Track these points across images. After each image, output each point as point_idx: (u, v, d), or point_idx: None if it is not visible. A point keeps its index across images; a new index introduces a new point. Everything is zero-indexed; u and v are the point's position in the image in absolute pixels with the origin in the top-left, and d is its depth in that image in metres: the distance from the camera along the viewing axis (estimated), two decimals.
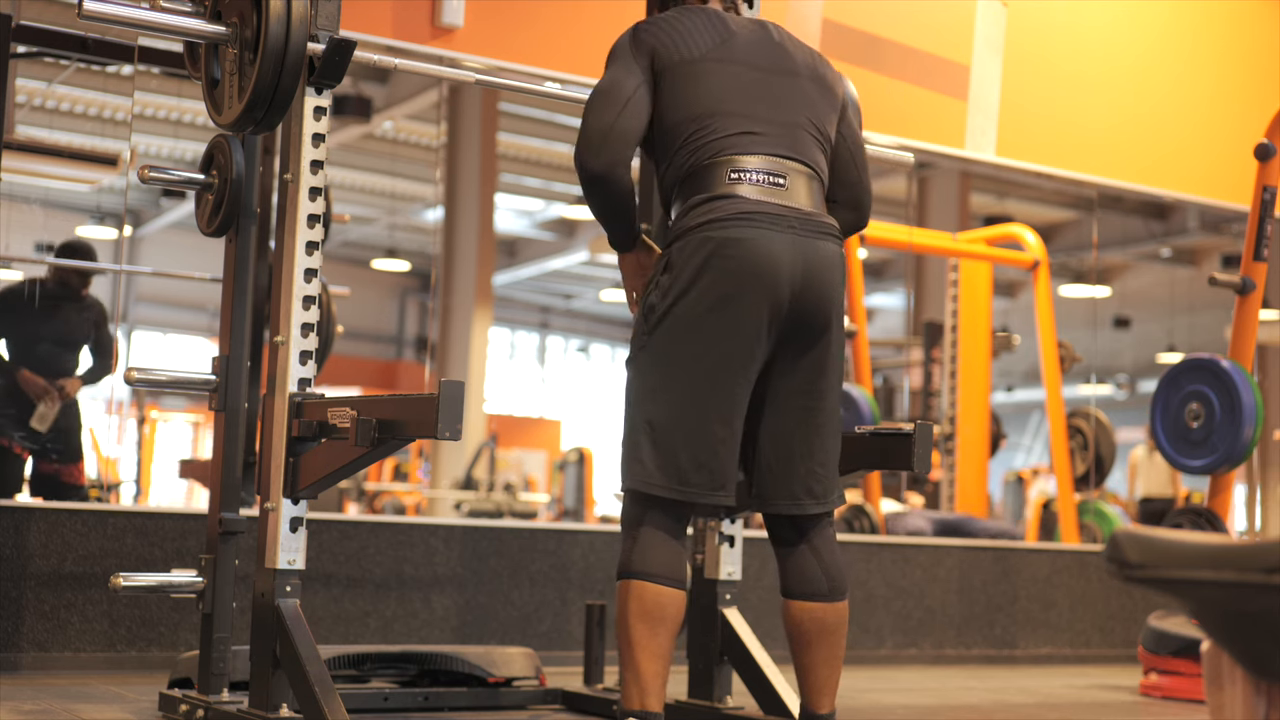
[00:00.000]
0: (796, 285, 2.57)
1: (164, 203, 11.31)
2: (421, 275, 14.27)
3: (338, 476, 2.81)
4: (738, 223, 2.55)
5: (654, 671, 2.52)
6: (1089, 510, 7.19)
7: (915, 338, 8.18)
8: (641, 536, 2.57)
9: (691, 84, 2.66)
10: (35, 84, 6.44)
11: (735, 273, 2.53)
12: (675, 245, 2.60)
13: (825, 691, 2.68)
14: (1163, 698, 4.52)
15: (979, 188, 10.01)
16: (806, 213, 2.62)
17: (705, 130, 2.63)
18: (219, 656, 3.11)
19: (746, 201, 2.58)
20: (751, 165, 2.61)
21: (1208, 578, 1.42)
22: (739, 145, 2.62)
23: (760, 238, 2.55)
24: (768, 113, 2.67)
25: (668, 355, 2.58)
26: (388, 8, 4.48)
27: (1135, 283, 13.32)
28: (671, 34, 2.69)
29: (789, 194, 2.62)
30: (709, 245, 2.55)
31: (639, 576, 2.54)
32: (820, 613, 2.67)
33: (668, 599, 2.53)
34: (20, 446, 5.12)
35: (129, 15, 2.79)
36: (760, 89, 2.69)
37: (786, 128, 2.67)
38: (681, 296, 2.56)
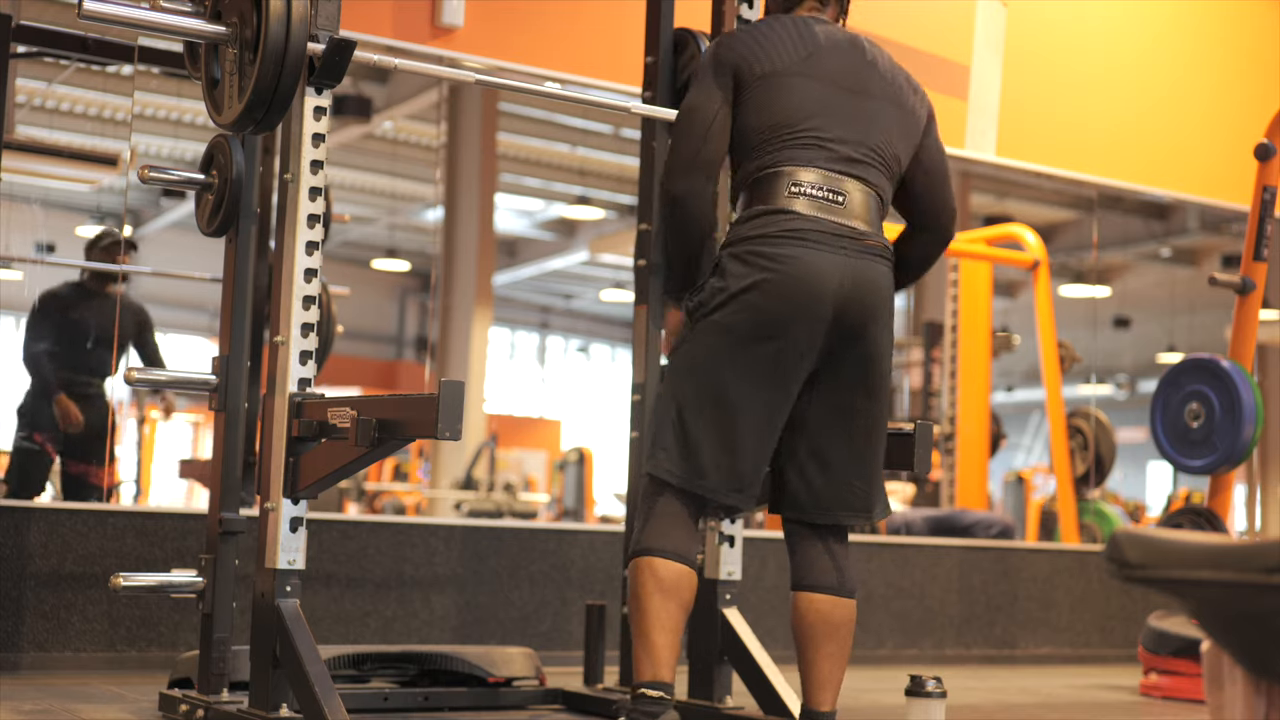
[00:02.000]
0: (842, 304, 2.63)
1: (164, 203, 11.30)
2: (421, 275, 14.27)
3: (338, 476, 2.82)
4: (790, 240, 2.62)
5: (665, 643, 2.58)
6: (1089, 510, 7.19)
7: (915, 338, 8.18)
8: (656, 517, 2.65)
9: (769, 96, 2.71)
10: (35, 84, 6.44)
11: (782, 290, 2.60)
12: (728, 252, 2.67)
13: (827, 688, 2.70)
14: (1163, 698, 4.52)
15: (979, 188, 10.00)
16: (860, 232, 2.67)
17: (775, 141, 2.69)
18: (219, 656, 3.11)
19: (802, 218, 2.63)
20: (810, 180, 2.66)
21: (1208, 578, 1.42)
22: (803, 159, 2.67)
23: (810, 257, 2.61)
24: (839, 131, 2.71)
25: (705, 355, 2.65)
26: (388, 8, 4.48)
27: (1135, 283, 13.31)
28: (754, 47, 2.74)
29: (845, 211, 2.67)
30: (759, 260, 2.62)
31: (654, 553, 2.61)
32: (828, 606, 2.70)
33: (681, 573, 2.60)
34: (50, 446, 5.15)
35: (129, 15, 2.79)
36: (836, 107, 2.73)
37: (854, 147, 2.72)
38: (727, 303, 2.63)
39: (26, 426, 5.21)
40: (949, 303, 7.30)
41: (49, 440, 5.17)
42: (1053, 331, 6.94)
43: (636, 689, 2.59)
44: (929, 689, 2.86)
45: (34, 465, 5.18)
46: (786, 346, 2.61)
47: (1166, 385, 4.62)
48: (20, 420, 5.24)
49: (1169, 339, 13.50)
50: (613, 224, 12.81)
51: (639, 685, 2.59)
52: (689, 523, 2.66)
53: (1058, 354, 6.97)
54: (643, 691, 2.58)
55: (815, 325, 2.62)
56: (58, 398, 5.19)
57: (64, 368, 5.26)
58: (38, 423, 5.19)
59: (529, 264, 14.90)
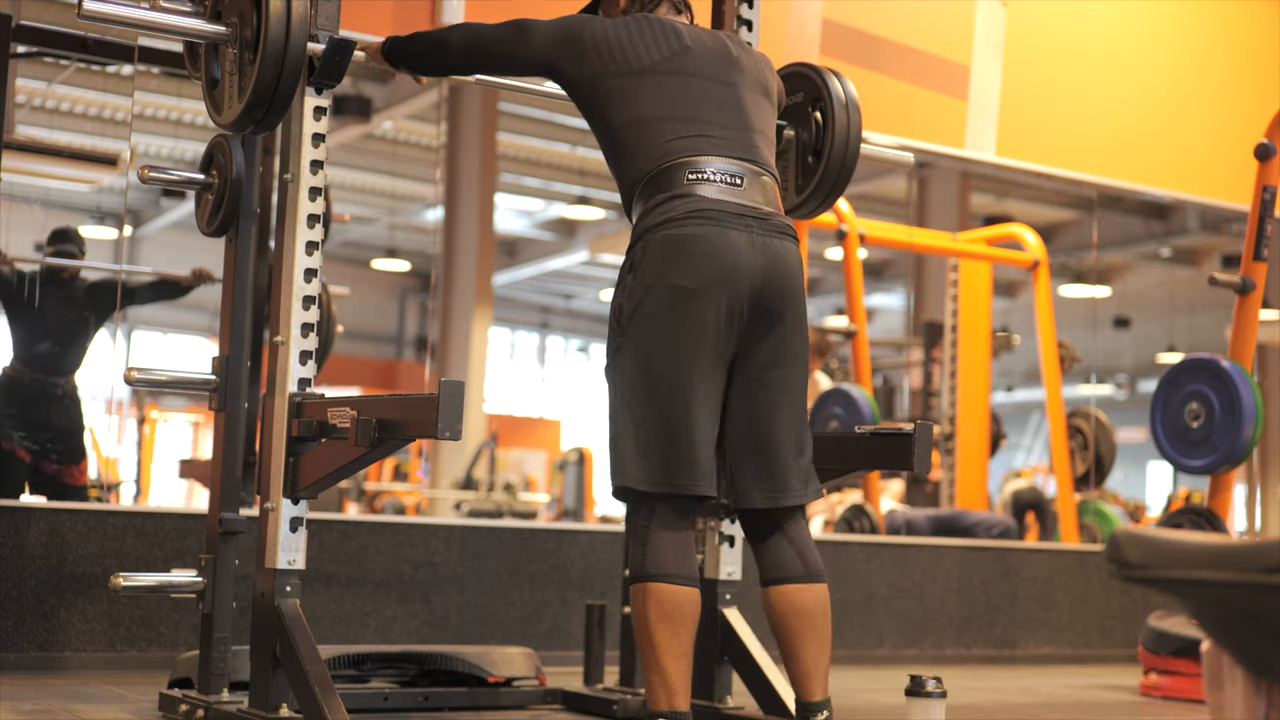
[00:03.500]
0: (758, 281, 2.64)
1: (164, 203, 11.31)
2: (421, 275, 14.27)
3: (338, 476, 2.82)
4: (697, 220, 2.62)
5: (679, 672, 2.56)
6: (1089, 510, 7.19)
7: (915, 338, 8.18)
8: (651, 539, 2.62)
9: (647, 93, 2.74)
10: (35, 84, 6.44)
11: (697, 269, 2.60)
12: (638, 245, 2.67)
13: (815, 677, 2.66)
14: (1163, 698, 4.52)
15: (979, 188, 10.01)
16: (765, 211, 2.70)
17: (659, 134, 2.71)
18: (219, 656, 3.11)
19: (705, 200, 2.65)
20: (709, 166, 2.68)
21: (1208, 578, 1.42)
22: (696, 148, 2.70)
23: (719, 234, 2.62)
24: (721, 119, 2.75)
25: (640, 355, 2.64)
26: (388, 8, 4.48)
27: (1135, 283, 13.32)
28: (624, 41, 2.78)
29: (746, 193, 2.69)
30: (669, 244, 2.62)
31: (655, 579, 2.59)
32: (798, 595, 2.68)
33: (685, 598, 2.59)
34: (22, 449, 5.09)
35: (129, 15, 2.79)
36: (716, 98, 2.77)
37: (741, 132, 2.76)
38: (646, 296, 2.63)
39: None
40: (949, 303, 7.30)
41: (19, 443, 5.08)
42: (1053, 331, 6.94)
43: (654, 718, 2.57)
44: (929, 689, 2.86)
45: (7, 470, 5.06)
46: (708, 322, 2.60)
47: (1166, 385, 4.62)
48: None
49: (1169, 339, 13.50)
50: (613, 224, 12.82)
51: (656, 715, 2.56)
52: (682, 534, 2.64)
53: (1058, 354, 6.97)
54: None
55: (734, 299, 2.61)
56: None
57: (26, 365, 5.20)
58: (3, 425, 5.10)
59: (529, 264, 14.91)
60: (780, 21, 5.07)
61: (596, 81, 2.77)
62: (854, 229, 6.43)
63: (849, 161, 3.33)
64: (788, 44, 5.06)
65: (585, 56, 2.78)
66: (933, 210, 9.76)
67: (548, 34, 2.82)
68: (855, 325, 6.61)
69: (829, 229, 6.49)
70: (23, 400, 5.16)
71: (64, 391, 5.22)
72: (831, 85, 3.34)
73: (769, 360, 2.69)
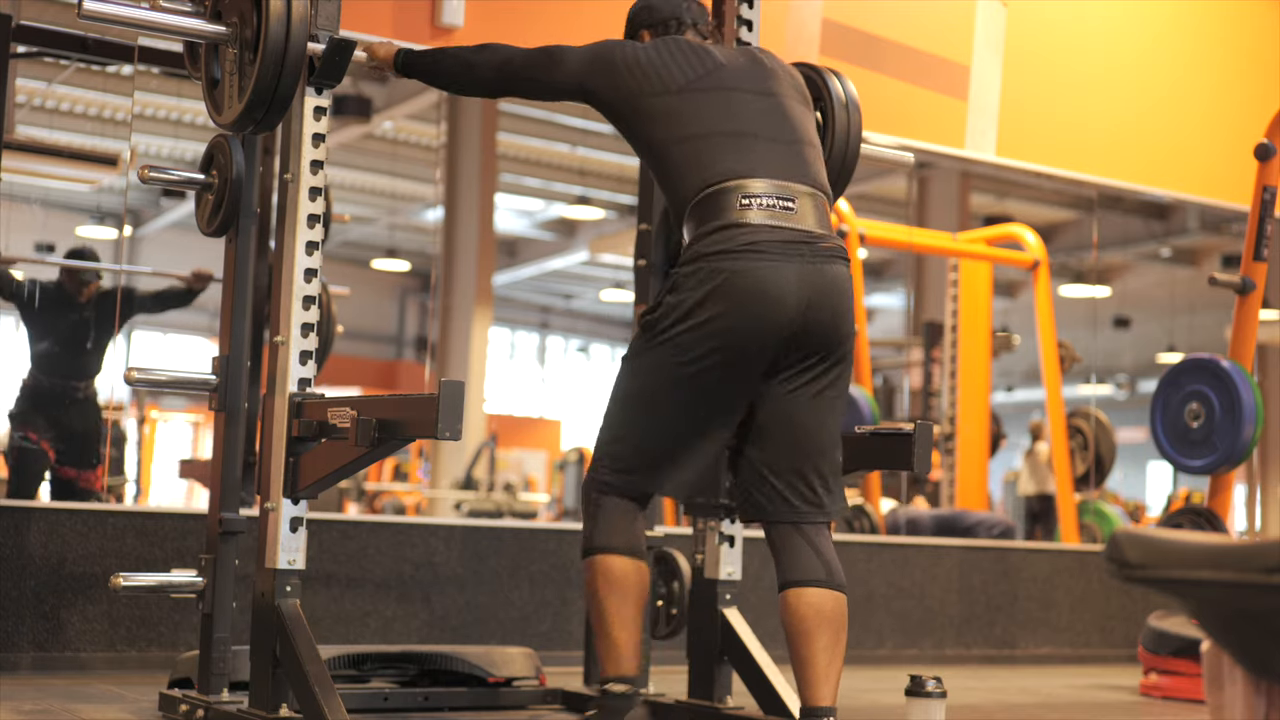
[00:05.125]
0: (804, 311, 2.64)
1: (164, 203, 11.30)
2: (421, 275, 14.27)
3: (338, 476, 2.81)
4: (747, 255, 2.62)
5: (626, 639, 2.67)
6: (1089, 510, 7.19)
7: (915, 338, 8.18)
8: (601, 515, 2.73)
9: (684, 109, 2.74)
10: (35, 84, 6.44)
11: (737, 305, 2.61)
12: (686, 269, 2.67)
13: (825, 683, 2.64)
14: (1163, 698, 4.52)
15: (979, 188, 10.00)
16: (816, 235, 2.69)
17: (707, 151, 2.70)
18: (219, 656, 3.11)
19: (756, 229, 2.64)
20: (760, 190, 2.67)
21: (1208, 578, 1.42)
22: (747, 169, 2.69)
23: (768, 269, 2.62)
24: (769, 132, 2.75)
25: (657, 371, 2.70)
26: (388, 8, 4.48)
27: (1135, 283, 13.31)
28: (657, 63, 2.80)
29: (798, 217, 2.69)
30: (717, 277, 2.62)
31: (602, 551, 2.70)
32: (818, 599, 2.66)
33: (631, 568, 2.69)
34: (48, 444, 5.13)
35: (129, 15, 2.79)
36: (757, 110, 2.78)
37: (789, 146, 2.76)
38: (682, 320, 2.64)
39: (21, 427, 5.17)
40: (949, 303, 7.30)
41: (44, 439, 5.13)
42: (1053, 331, 6.94)
43: (604, 684, 2.68)
44: (929, 689, 2.86)
45: (33, 464, 5.15)
46: (739, 362, 2.64)
47: (1166, 385, 4.62)
48: (14, 422, 5.20)
49: (1169, 339, 13.50)
50: (613, 224, 12.82)
51: (605, 680, 2.68)
52: (633, 514, 2.73)
53: (1058, 354, 6.97)
54: (609, 687, 2.67)
55: (771, 337, 2.63)
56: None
57: (49, 370, 5.22)
58: (30, 423, 5.16)
59: (529, 264, 14.91)
60: (780, 21, 5.07)
61: (635, 102, 2.78)
62: (854, 229, 6.44)
63: (849, 161, 3.33)
64: (788, 44, 5.06)
65: (619, 77, 2.79)
66: (933, 210, 9.75)
67: (580, 58, 2.84)
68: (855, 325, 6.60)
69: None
70: (46, 405, 5.21)
71: (85, 395, 5.25)
72: (831, 85, 3.34)
73: (812, 386, 2.70)
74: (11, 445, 5.18)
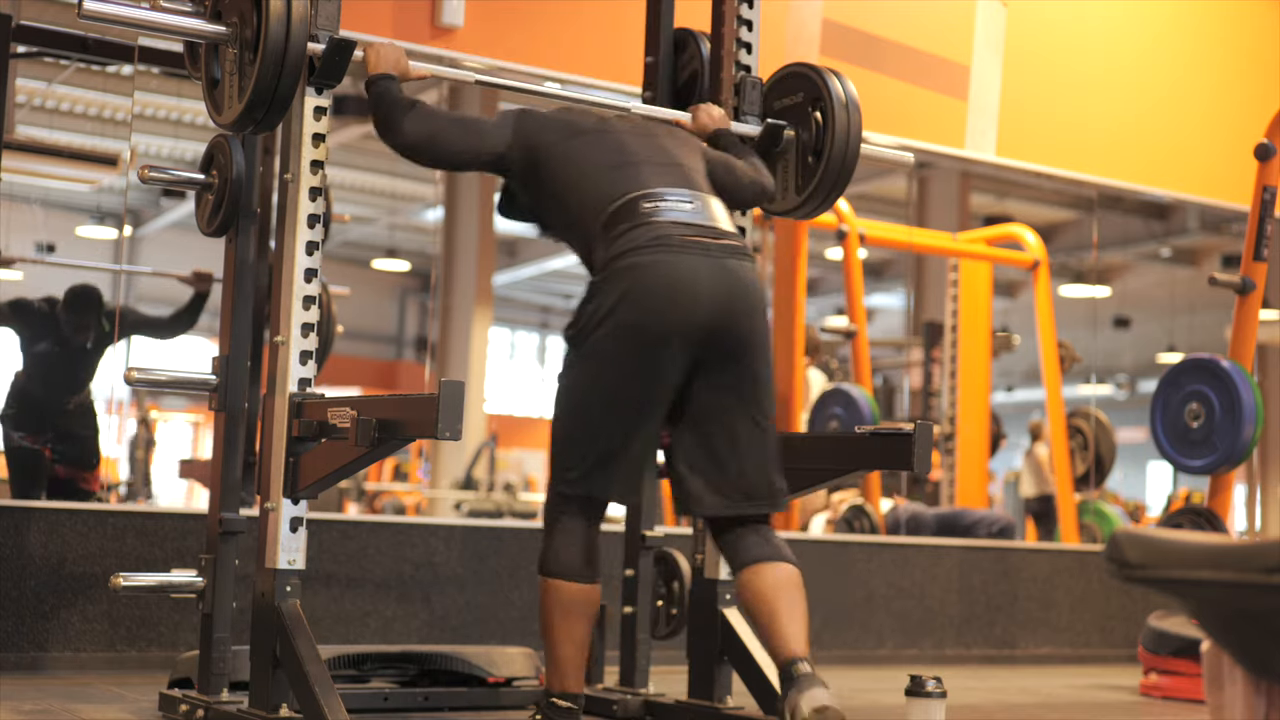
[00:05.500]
0: (718, 304, 2.76)
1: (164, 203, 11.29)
2: (421, 275, 14.26)
3: (338, 476, 2.82)
4: (655, 249, 2.74)
5: (570, 656, 2.83)
6: (1089, 510, 7.19)
7: (915, 338, 8.18)
8: (555, 538, 2.84)
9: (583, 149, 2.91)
10: (35, 84, 6.43)
11: (652, 300, 2.72)
12: (600, 276, 2.79)
13: (796, 638, 2.69)
14: (1163, 698, 4.52)
15: (979, 188, 9.99)
16: (721, 231, 2.84)
17: (606, 180, 2.85)
18: (219, 656, 3.11)
19: (664, 225, 2.77)
20: (662, 191, 2.83)
21: (1208, 578, 1.42)
22: (645, 180, 2.84)
23: (677, 262, 2.73)
24: (662, 158, 2.92)
25: (586, 377, 2.81)
26: (388, 8, 4.48)
27: (1135, 283, 13.31)
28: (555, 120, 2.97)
29: (703, 215, 2.84)
30: (629, 275, 2.73)
31: (553, 575, 2.83)
32: (771, 569, 2.77)
33: (580, 593, 2.82)
34: (46, 447, 5.11)
35: (129, 15, 2.79)
36: (648, 144, 2.95)
37: (681, 166, 2.93)
38: (602, 323, 2.75)
39: (15, 429, 5.15)
40: (949, 303, 7.30)
41: (41, 440, 5.11)
42: (1053, 331, 6.94)
43: (548, 698, 2.85)
44: (929, 689, 2.86)
45: (33, 465, 5.13)
46: (662, 354, 2.74)
47: (1166, 385, 4.62)
48: (7, 424, 5.18)
49: (1169, 339, 13.49)
50: None
51: (550, 695, 2.84)
52: (586, 536, 2.85)
53: (1058, 354, 6.97)
54: (554, 701, 2.84)
55: (690, 328, 2.73)
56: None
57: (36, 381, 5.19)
58: (25, 424, 5.13)
59: (529, 264, 14.90)
60: (780, 21, 5.07)
61: (544, 152, 2.91)
62: (854, 229, 6.43)
63: (849, 161, 3.33)
64: (788, 44, 5.06)
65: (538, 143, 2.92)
66: (933, 210, 9.75)
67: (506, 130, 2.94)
68: (855, 325, 6.60)
69: (829, 229, 6.49)
70: (36, 409, 5.19)
71: (74, 406, 5.23)
72: (831, 85, 3.34)
73: (734, 380, 2.81)
74: (9, 448, 5.17)
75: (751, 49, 3.52)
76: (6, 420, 5.19)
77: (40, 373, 5.20)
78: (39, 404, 5.18)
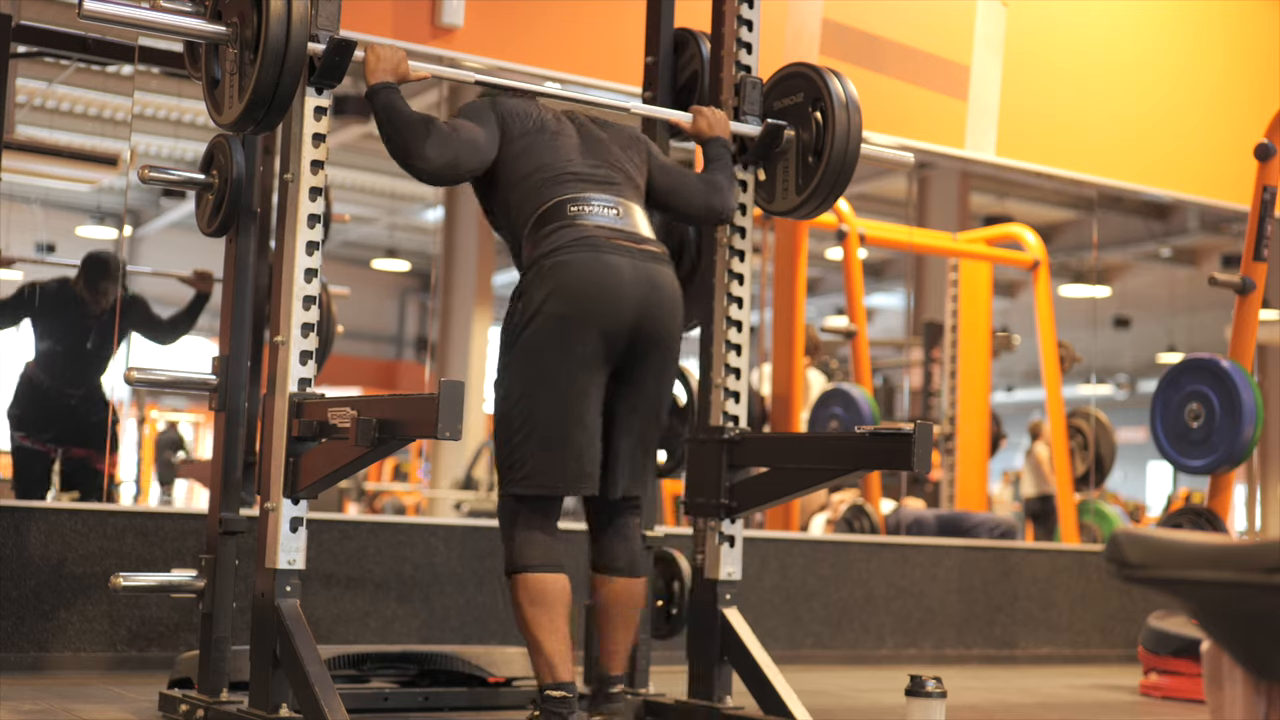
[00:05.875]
0: (639, 306, 2.89)
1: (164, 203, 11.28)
2: (421, 275, 14.26)
3: (338, 476, 2.82)
4: (579, 247, 2.87)
5: (556, 647, 2.86)
6: (1089, 510, 7.19)
7: (915, 338, 8.18)
8: (517, 537, 2.90)
9: (532, 151, 3.00)
10: (35, 84, 6.43)
11: (578, 297, 2.84)
12: (527, 275, 2.90)
13: (619, 655, 3.02)
14: (1163, 698, 4.52)
15: (979, 188, 9.99)
16: (643, 237, 2.96)
17: (545, 183, 2.96)
18: (219, 656, 3.11)
19: (588, 228, 2.90)
20: (588, 198, 2.95)
21: (1208, 578, 1.42)
22: (576, 188, 2.96)
23: (601, 260, 2.86)
24: (598, 168, 3.03)
25: (525, 375, 2.88)
26: (388, 8, 4.48)
27: (1135, 283, 13.30)
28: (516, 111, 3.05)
29: (626, 220, 2.96)
30: (555, 273, 2.85)
31: (522, 570, 2.88)
32: (621, 586, 3.02)
33: (550, 583, 2.87)
34: (47, 446, 5.07)
35: (129, 15, 2.79)
36: (593, 151, 3.05)
37: (613, 180, 3.03)
38: (530, 322, 2.86)
39: (19, 428, 5.12)
40: (949, 303, 7.30)
41: (45, 439, 5.08)
42: (1053, 331, 6.94)
43: (543, 692, 2.85)
44: (929, 689, 2.87)
45: (36, 466, 5.11)
46: (591, 347, 2.85)
47: (1166, 385, 4.62)
48: (12, 422, 5.15)
49: (1169, 339, 13.49)
50: None
51: (544, 688, 2.85)
52: (547, 533, 2.91)
53: (1058, 354, 6.97)
54: (548, 693, 2.85)
55: (614, 322, 2.86)
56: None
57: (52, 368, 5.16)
58: (28, 423, 5.11)
59: None
60: (780, 21, 5.07)
61: (502, 150, 3.00)
62: (854, 229, 6.43)
63: (849, 161, 3.33)
64: (788, 44, 5.07)
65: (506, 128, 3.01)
66: (933, 210, 9.74)
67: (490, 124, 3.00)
68: (855, 325, 6.60)
69: (829, 229, 6.49)
70: (42, 403, 5.14)
71: (79, 399, 5.18)
72: (831, 85, 3.34)
73: (640, 376, 2.94)
74: (15, 449, 5.14)
75: (751, 49, 3.52)
76: (12, 419, 5.17)
77: (51, 359, 5.15)
78: (48, 395, 5.13)
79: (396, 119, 2.89)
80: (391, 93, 2.92)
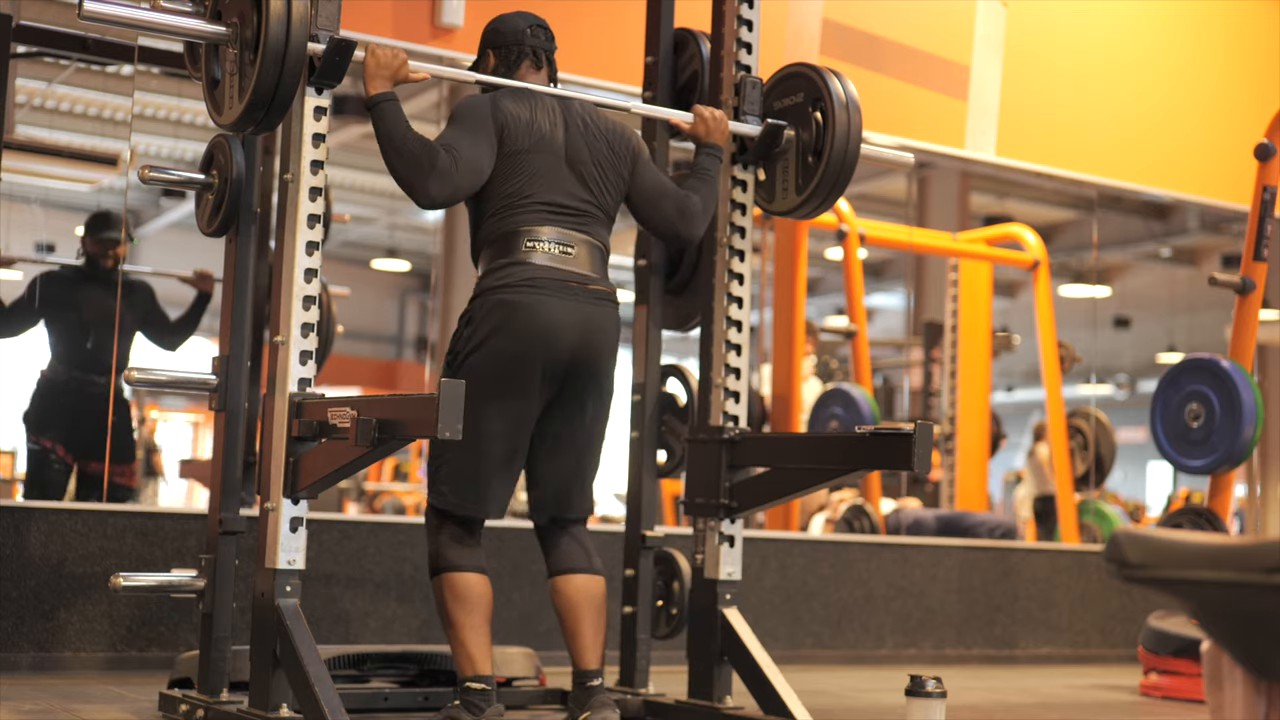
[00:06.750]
0: (575, 344, 3.04)
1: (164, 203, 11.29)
2: (421, 275, 14.25)
3: (338, 476, 2.82)
4: (527, 288, 3.00)
5: (477, 643, 2.99)
6: (1089, 510, 7.19)
7: (915, 338, 8.17)
8: (441, 540, 3.05)
9: (511, 171, 3.05)
10: (35, 84, 6.43)
11: (520, 335, 2.99)
12: (476, 302, 3.04)
13: (593, 650, 3.11)
14: (1163, 698, 4.52)
15: (979, 188, 9.99)
16: (589, 277, 3.08)
17: (512, 207, 3.05)
18: (219, 656, 3.11)
19: (537, 269, 3.02)
20: (545, 235, 3.05)
21: (1208, 578, 1.42)
22: (536, 220, 3.05)
23: (545, 304, 3.00)
24: (562, 197, 3.08)
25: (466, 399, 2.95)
26: (388, 8, 4.48)
27: (1135, 283, 13.30)
28: (514, 122, 3.07)
29: (575, 260, 3.07)
30: (501, 311, 2.99)
31: (445, 570, 3.02)
32: (584, 582, 3.13)
33: (473, 581, 3.02)
34: (64, 449, 5.00)
35: (129, 15, 2.79)
36: (561, 177, 3.09)
37: (579, 206, 3.10)
38: (476, 350, 3.00)
39: (36, 431, 5.02)
40: (949, 303, 7.30)
41: (61, 444, 4.98)
42: (1053, 331, 6.94)
43: (463, 684, 2.97)
44: (929, 689, 2.87)
45: (52, 472, 4.97)
46: (528, 383, 3.01)
47: (1166, 385, 4.62)
48: (28, 426, 5.05)
49: (1169, 339, 13.49)
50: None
51: (464, 680, 2.97)
52: (469, 537, 3.06)
53: (1058, 354, 6.96)
54: (468, 685, 2.96)
55: (552, 363, 3.02)
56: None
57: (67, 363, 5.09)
58: (46, 427, 5.02)
59: None
60: (780, 21, 5.07)
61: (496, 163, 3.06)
62: (854, 229, 6.43)
63: (849, 161, 3.33)
64: (788, 44, 5.07)
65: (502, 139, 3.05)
66: (933, 210, 9.74)
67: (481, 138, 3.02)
68: (855, 325, 6.60)
69: (829, 229, 6.49)
70: (63, 401, 5.05)
71: (104, 389, 5.06)
72: (831, 85, 3.34)
73: (578, 409, 3.10)
74: (33, 453, 5.04)
75: (751, 49, 3.52)
76: (29, 423, 5.06)
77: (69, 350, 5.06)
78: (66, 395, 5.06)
79: (400, 147, 2.91)
80: (392, 109, 2.93)
